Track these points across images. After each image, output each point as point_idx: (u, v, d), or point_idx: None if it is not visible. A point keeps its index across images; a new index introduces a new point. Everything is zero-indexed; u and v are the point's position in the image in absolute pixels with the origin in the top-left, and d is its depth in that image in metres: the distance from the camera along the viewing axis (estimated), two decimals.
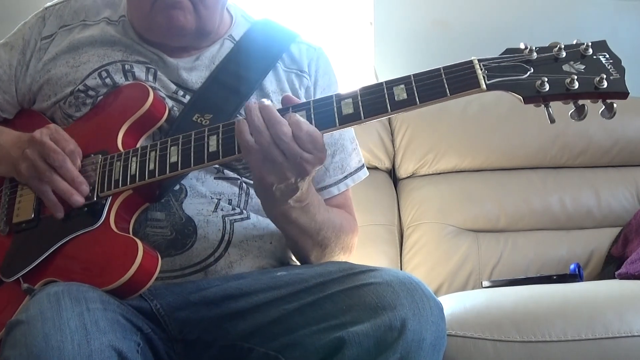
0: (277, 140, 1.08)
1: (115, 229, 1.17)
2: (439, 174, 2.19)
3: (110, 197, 1.20)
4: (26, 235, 1.25)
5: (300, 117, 1.09)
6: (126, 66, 1.32)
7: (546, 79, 1.05)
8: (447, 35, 2.45)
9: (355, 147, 1.43)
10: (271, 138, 1.08)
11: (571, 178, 2.15)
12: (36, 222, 1.25)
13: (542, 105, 1.08)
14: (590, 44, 1.08)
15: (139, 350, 1.06)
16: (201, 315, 1.17)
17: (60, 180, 1.18)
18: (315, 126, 1.11)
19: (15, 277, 1.19)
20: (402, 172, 2.23)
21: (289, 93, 1.34)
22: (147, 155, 1.19)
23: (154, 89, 1.29)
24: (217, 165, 1.28)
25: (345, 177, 1.40)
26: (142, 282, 1.12)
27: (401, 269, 2.06)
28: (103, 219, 1.18)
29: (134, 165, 1.19)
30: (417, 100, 1.08)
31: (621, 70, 1.06)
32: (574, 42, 1.09)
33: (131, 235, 1.17)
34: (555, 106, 1.08)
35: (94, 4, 1.42)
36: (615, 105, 1.05)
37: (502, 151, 2.16)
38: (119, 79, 1.32)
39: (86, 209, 1.20)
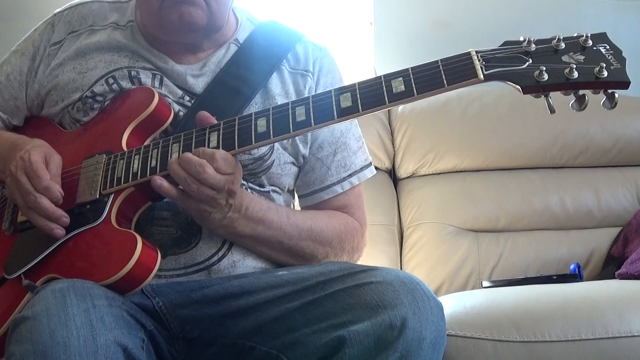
0: (204, 183, 1.11)
1: (116, 226, 1.18)
2: (439, 174, 2.19)
3: (113, 195, 1.20)
4: (29, 233, 1.25)
5: (205, 149, 1.13)
6: (132, 72, 1.33)
7: (545, 69, 1.03)
8: (447, 35, 2.45)
9: (362, 145, 1.42)
10: (198, 183, 1.11)
11: (571, 178, 2.15)
12: None
13: (542, 96, 1.06)
14: (590, 35, 1.06)
15: (143, 347, 1.06)
16: (203, 314, 1.18)
17: (38, 217, 1.18)
18: (315, 120, 1.11)
19: (17, 274, 1.19)
20: (402, 172, 2.23)
21: (293, 95, 1.34)
22: (150, 153, 1.20)
23: (160, 94, 1.29)
24: None
25: (350, 175, 1.38)
26: (141, 277, 1.12)
27: (401, 269, 2.06)
28: (104, 216, 1.19)
29: (136, 163, 1.20)
30: (415, 91, 1.07)
31: (622, 61, 1.04)
32: (574, 35, 1.08)
33: (131, 231, 1.18)
34: (556, 105, 1.07)
35: (101, 8, 1.42)
36: (616, 95, 1.03)
37: (502, 151, 2.15)
38: (126, 84, 1.32)
39: (89, 206, 1.21)
